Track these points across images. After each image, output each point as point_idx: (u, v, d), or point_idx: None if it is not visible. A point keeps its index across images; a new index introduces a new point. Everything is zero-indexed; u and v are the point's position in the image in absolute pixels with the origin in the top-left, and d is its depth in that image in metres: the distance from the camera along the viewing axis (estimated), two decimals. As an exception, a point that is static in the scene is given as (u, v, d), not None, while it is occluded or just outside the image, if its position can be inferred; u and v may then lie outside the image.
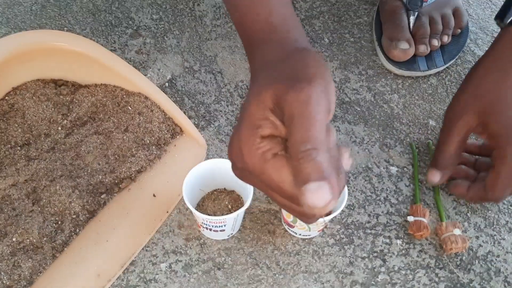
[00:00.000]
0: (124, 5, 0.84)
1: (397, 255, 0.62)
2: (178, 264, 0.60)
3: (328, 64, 0.80)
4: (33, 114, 0.65)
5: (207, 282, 0.59)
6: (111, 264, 0.58)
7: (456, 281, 0.61)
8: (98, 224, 0.60)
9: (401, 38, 0.76)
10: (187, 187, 0.57)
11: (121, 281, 0.58)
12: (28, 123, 0.65)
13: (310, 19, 0.84)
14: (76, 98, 0.66)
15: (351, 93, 0.77)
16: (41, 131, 0.65)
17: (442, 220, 0.63)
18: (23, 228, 0.57)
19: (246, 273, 0.60)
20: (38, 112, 0.65)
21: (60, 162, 0.62)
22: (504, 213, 0.67)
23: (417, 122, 0.74)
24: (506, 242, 0.64)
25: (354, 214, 0.65)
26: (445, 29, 0.79)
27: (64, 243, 0.58)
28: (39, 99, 0.66)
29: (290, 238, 0.63)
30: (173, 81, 0.76)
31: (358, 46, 0.82)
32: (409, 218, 0.63)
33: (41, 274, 0.56)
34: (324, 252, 0.62)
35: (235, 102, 0.74)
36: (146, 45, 0.79)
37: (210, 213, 0.61)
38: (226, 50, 0.80)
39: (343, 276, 0.60)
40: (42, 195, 0.59)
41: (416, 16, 0.78)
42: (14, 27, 0.79)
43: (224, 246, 0.62)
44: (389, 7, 0.80)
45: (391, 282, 0.60)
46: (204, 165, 0.60)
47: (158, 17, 0.83)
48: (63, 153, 0.63)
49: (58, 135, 0.65)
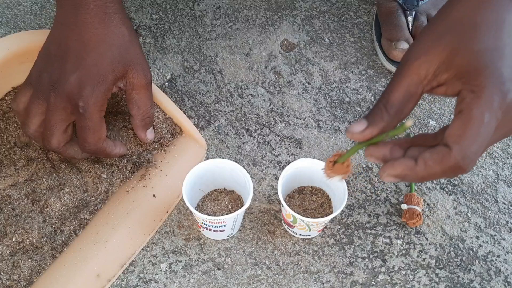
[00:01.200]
0: (123, 5, 0.84)
1: (397, 255, 0.62)
2: (178, 264, 0.60)
3: (328, 64, 0.80)
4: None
5: (207, 282, 0.59)
6: (111, 264, 0.58)
7: (456, 281, 0.61)
8: (98, 224, 0.60)
9: (400, 38, 0.76)
10: (187, 187, 0.57)
11: (121, 281, 0.58)
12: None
13: (310, 19, 0.84)
14: None
15: (351, 93, 0.77)
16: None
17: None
18: (22, 228, 0.57)
19: (246, 273, 0.60)
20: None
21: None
22: (504, 213, 0.67)
23: (417, 122, 0.74)
24: (506, 242, 0.64)
25: (354, 214, 0.65)
26: None
27: (64, 243, 0.58)
28: None
29: (290, 238, 0.63)
30: (173, 81, 0.76)
31: (358, 46, 0.82)
32: (403, 206, 0.64)
33: (41, 275, 0.56)
34: (324, 252, 0.62)
35: (235, 102, 0.74)
36: (146, 44, 0.79)
37: (210, 213, 0.61)
38: (226, 50, 0.80)
39: (343, 276, 0.60)
40: (41, 195, 0.59)
41: (414, 15, 0.78)
42: (13, 27, 0.79)
43: (224, 246, 0.62)
44: (386, 8, 0.80)
45: (391, 282, 0.60)
46: (204, 165, 0.60)
47: (158, 17, 0.83)
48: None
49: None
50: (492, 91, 0.38)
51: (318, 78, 0.78)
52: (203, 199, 0.63)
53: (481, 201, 0.67)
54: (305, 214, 0.62)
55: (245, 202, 0.57)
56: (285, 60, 0.79)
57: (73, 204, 0.60)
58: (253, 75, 0.77)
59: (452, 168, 0.40)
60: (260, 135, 0.71)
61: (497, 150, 0.72)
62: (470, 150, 0.39)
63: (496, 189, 0.68)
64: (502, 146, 0.72)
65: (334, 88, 0.77)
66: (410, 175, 0.41)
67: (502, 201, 0.68)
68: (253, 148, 0.70)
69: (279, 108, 0.74)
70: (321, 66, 0.79)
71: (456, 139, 0.39)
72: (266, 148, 0.70)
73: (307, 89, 0.76)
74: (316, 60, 0.80)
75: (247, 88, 0.76)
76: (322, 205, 0.62)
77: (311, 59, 0.80)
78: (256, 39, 0.81)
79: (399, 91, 0.42)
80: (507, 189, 0.69)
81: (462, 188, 0.68)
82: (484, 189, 0.68)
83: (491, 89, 0.38)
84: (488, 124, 0.38)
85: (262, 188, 0.67)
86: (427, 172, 0.41)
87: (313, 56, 0.80)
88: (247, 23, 0.83)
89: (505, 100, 0.38)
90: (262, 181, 0.67)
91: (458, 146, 0.39)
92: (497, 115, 0.38)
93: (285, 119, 0.73)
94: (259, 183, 0.67)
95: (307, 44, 0.81)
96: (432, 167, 0.40)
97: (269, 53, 0.80)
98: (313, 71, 0.79)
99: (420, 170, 0.41)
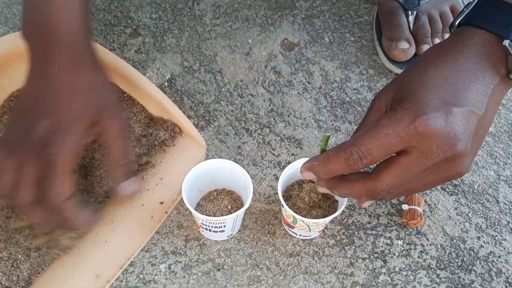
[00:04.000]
0: (123, 4, 0.84)
1: (398, 256, 0.62)
2: (178, 265, 0.60)
3: (329, 64, 0.79)
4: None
5: (206, 283, 0.59)
6: (110, 265, 0.58)
7: (457, 282, 0.61)
8: (97, 225, 0.59)
9: (401, 38, 0.76)
10: (186, 188, 0.57)
11: (120, 282, 0.58)
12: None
13: (311, 18, 0.84)
14: None
15: (351, 93, 0.76)
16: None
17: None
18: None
19: (246, 274, 0.60)
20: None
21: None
22: (505, 213, 0.66)
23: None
24: (508, 243, 0.64)
25: (355, 215, 0.65)
26: (446, 27, 0.78)
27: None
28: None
29: (290, 239, 0.62)
30: (173, 80, 0.76)
31: (358, 45, 0.82)
32: (404, 206, 0.63)
33: (40, 275, 0.55)
34: (324, 253, 0.62)
35: (234, 102, 0.74)
36: (145, 44, 0.79)
37: (210, 214, 0.61)
38: (225, 49, 0.79)
39: (343, 277, 0.60)
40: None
41: (415, 15, 0.77)
42: (13, 26, 0.79)
43: (223, 247, 0.61)
44: (386, 8, 0.80)
45: (392, 283, 0.60)
46: (204, 165, 0.59)
47: (157, 16, 0.82)
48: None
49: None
50: (405, 112, 0.43)
51: (319, 78, 0.78)
52: (202, 199, 0.62)
53: (482, 201, 0.67)
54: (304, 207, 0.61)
55: (245, 203, 0.57)
56: (285, 60, 0.79)
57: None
58: (253, 74, 0.77)
59: (347, 156, 0.44)
60: (260, 135, 0.71)
61: (498, 150, 0.72)
62: (361, 144, 0.44)
63: (497, 190, 0.68)
64: (503, 146, 0.72)
65: (334, 88, 0.77)
66: (317, 166, 0.47)
67: (503, 202, 0.67)
68: (253, 148, 0.70)
69: (279, 108, 0.74)
70: (322, 66, 0.79)
71: (357, 135, 0.45)
72: (266, 148, 0.70)
73: (307, 89, 0.76)
74: (316, 60, 0.79)
75: (247, 87, 0.76)
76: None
77: (312, 59, 0.80)
78: (256, 38, 0.81)
79: (367, 125, 0.47)
80: (508, 190, 0.68)
81: (463, 189, 0.68)
82: (485, 189, 0.68)
83: (404, 110, 0.43)
84: (387, 136, 0.43)
85: (262, 188, 0.66)
86: (329, 160, 0.46)
87: (314, 55, 0.80)
88: (247, 23, 0.82)
89: (414, 121, 0.42)
90: (262, 181, 0.67)
91: (353, 138, 0.45)
92: (400, 132, 0.42)
93: (285, 119, 0.73)
94: (259, 183, 0.67)
95: (307, 43, 0.81)
96: (332, 156, 0.46)
97: (269, 53, 0.79)
98: (314, 71, 0.78)
99: (323, 159, 0.46)
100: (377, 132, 0.43)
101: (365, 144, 0.43)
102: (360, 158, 0.44)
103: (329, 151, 0.46)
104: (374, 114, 0.48)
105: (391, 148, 0.43)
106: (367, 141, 0.43)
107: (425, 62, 0.47)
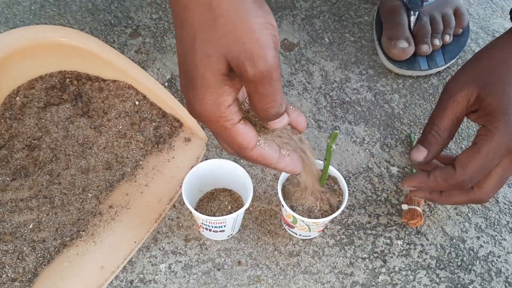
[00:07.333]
0: (123, 5, 0.84)
1: (398, 255, 0.62)
2: (178, 264, 0.60)
3: (328, 64, 0.79)
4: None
5: (206, 283, 0.59)
6: (114, 256, 0.58)
7: (457, 282, 0.61)
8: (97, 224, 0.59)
9: (400, 37, 0.76)
10: (186, 187, 0.57)
11: (120, 282, 0.58)
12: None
13: (311, 18, 0.84)
14: (84, 91, 0.67)
15: (351, 93, 0.76)
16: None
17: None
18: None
19: (246, 273, 0.60)
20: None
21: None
22: (505, 213, 0.66)
23: (418, 122, 0.74)
24: (507, 243, 0.64)
25: (355, 215, 0.65)
26: (446, 29, 0.79)
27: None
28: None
29: (290, 238, 0.62)
30: (173, 80, 0.76)
31: (358, 45, 0.82)
32: (403, 206, 0.63)
33: (46, 267, 0.56)
34: (324, 253, 0.62)
35: (235, 101, 0.74)
36: (146, 44, 0.79)
37: (210, 214, 0.61)
38: (226, 49, 0.79)
39: (343, 277, 0.60)
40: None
41: (417, 16, 0.77)
42: (13, 26, 0.79)
43: (224, 247, 0.61)
44: (389, 7, 0.80)
45: (391, 283, 0.60)
46: (204, 165, 0.59)
47: (157, 17, 0.82)
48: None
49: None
50: (502, 136, 0.49)
51: (318, 78, 0.78)
52: (202, 199, 0.62)
53: (482, 201, 0.67)
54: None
55: (245, 203, 0.57)
56: (285, 60, 0.79)
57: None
58: (253, 74, 0.77)
59: (455, 186, 0.52)
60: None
61: (498, 150, 0.72)
62: (470, 175, 0.50)
63: (497, 189, 0.68)
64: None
65: (334, 88, 0.77)
66: (423, 187, 0.54)
67: (502, 201, 0.67)
68: (253, 148, 0.70)
69: (279, 108, 0.74)
70: (321, 66, 0.79)
71: (462, 165, 0.50)
72: (266, 148, 0.70)
73: (307, 89, 0.76)
74: (316, 60, 0.80)
75: (247, 88, 0.76)
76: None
77: (311, 59, 0.80)
78: (256, 38, 0.81)
79: (448, 118, 0.52)
80: (508, 190, 0.69)
81: (463, 188, 0.68)
82: (485, 189, 0.68)
83: (502, 135, 0.49)
84: (491, 160, 0.50)
85: (262, 188, 0.66)
86: (436, 185, 0.53)
87: (313, 55, 0.80)
88: (247, 23, 0.82)
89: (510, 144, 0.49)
90: (262, 181, 0.67)
91: (461, 170, 0.50)
92: (502, 154, 0.50)
93: (285, 119, 0.73)
94: (259, 183, 0.67)
95: (307, 43, 0.81)
96: (439, 182, 0.52)
97: (269, 53, 0.79)
98: (313, 71, 0.78)
99: (430, 183, 0.53)
100: (480, 159, 0.50)
101: (473, 171, 0.50)
102: (470, 182, 0.51)
103: (436, 172, 0.53)
104: (455, 108, 0.52)
105: (492, 166, 0.51)
106: (475, 168, 0.50)
107: (507, 64, 0.51)
